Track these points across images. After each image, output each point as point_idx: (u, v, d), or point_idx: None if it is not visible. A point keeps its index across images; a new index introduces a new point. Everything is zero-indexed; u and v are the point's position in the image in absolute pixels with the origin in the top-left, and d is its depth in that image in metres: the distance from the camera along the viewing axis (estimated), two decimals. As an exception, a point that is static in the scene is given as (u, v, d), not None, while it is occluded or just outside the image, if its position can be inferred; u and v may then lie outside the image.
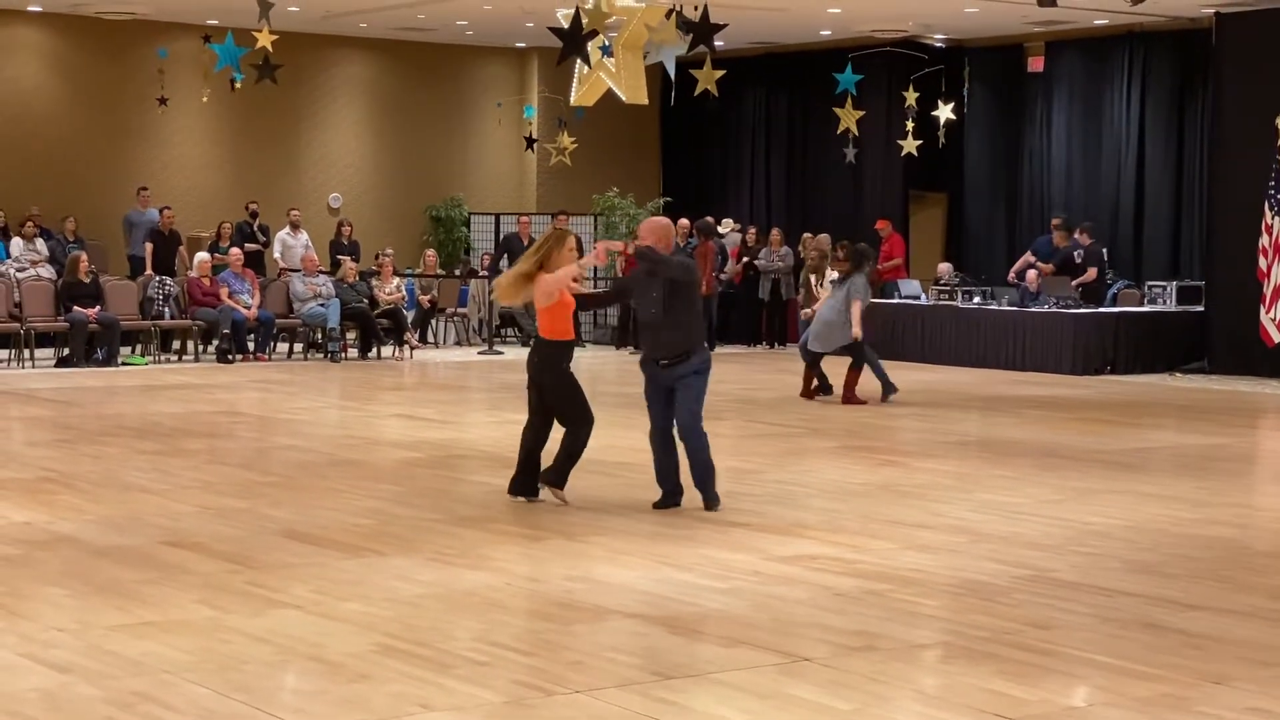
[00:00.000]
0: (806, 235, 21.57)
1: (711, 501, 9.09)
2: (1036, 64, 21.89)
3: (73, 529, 8.31)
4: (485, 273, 21.56)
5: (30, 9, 21.18)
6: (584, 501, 9.33)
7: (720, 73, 13.36)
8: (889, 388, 14.84)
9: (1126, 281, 20.04)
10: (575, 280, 9.20)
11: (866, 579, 7.32)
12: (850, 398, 14.75)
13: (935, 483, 10.25)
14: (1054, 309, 18.58)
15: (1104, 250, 19.76)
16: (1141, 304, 19.33)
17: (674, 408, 9.07)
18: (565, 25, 11.07)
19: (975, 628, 6.43)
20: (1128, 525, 8.82)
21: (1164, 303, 19.08)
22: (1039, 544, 8.23)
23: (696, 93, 13.22)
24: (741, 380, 16.38)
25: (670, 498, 9.19)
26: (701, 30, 11.61)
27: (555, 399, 9.17)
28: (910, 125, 19.50)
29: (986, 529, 8.63)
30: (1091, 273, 19.12)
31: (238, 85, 18.61)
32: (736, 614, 6.64)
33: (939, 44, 22.26)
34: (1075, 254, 19.30)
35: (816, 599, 6.92)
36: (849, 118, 18.73)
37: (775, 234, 22.00)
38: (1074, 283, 19.02)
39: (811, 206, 23.73)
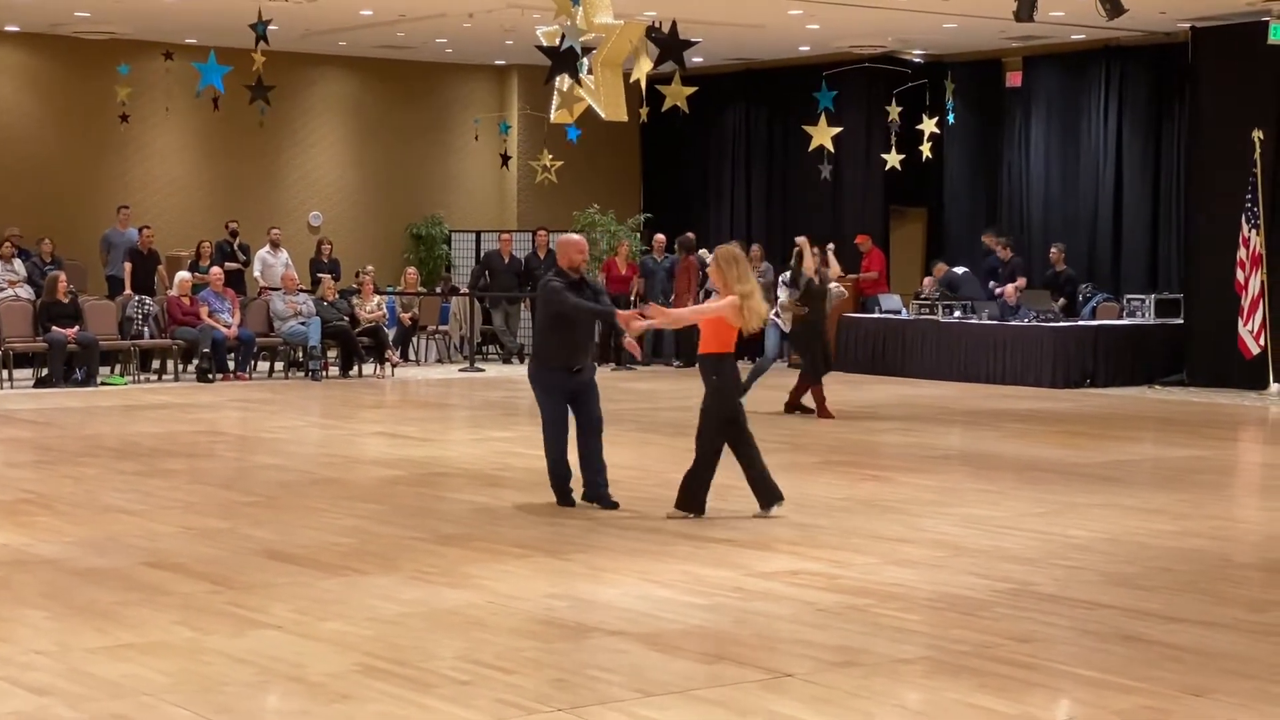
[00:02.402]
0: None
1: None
2: (1015, 79, 21.96)
3: (52, 550, 8.27)
4: (465, 290, 21.54)
5: (8, 29, 21.14)
6: (566, 518, 9.33)
7: (690, 89, 13.38)
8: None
9: (1105, 295, 20.11)
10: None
11: (848, 594, 7.32)
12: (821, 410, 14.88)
13: (917, 497, 10.26)
14: (1034, 322, 18.63)
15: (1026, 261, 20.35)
16: (1120, 317, 19.40)
17: (583, 410, 9.72)
18: (545, 43, 11.08)
19: (957, 642, 6.44)
20: (1108, 538, 8.83)
21: (1143, 315, 19.15)
22: (1020, 557, 8.24)
23: (665, 108, 13.23)
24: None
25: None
26: (670, 46, 11.60)
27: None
28: (893, 140, 19.59)
29: (968, 543, 8.65)
30: (1020, 283, 19.48)
31: (214, 104, 18.58)
32: (718, 630, 6.64)
33: (918, 59, 22.32)
34: (998, 269, 19.69)
35: (798, 614, 6.92)
36: (823, 134, 18.76)
37: (755, 250, 22.00)
38: (996, 291, 19.57)
39: (791, 222, 23.73)
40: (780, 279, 15.53)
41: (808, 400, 15.04)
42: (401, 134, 24.23)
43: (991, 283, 20.02)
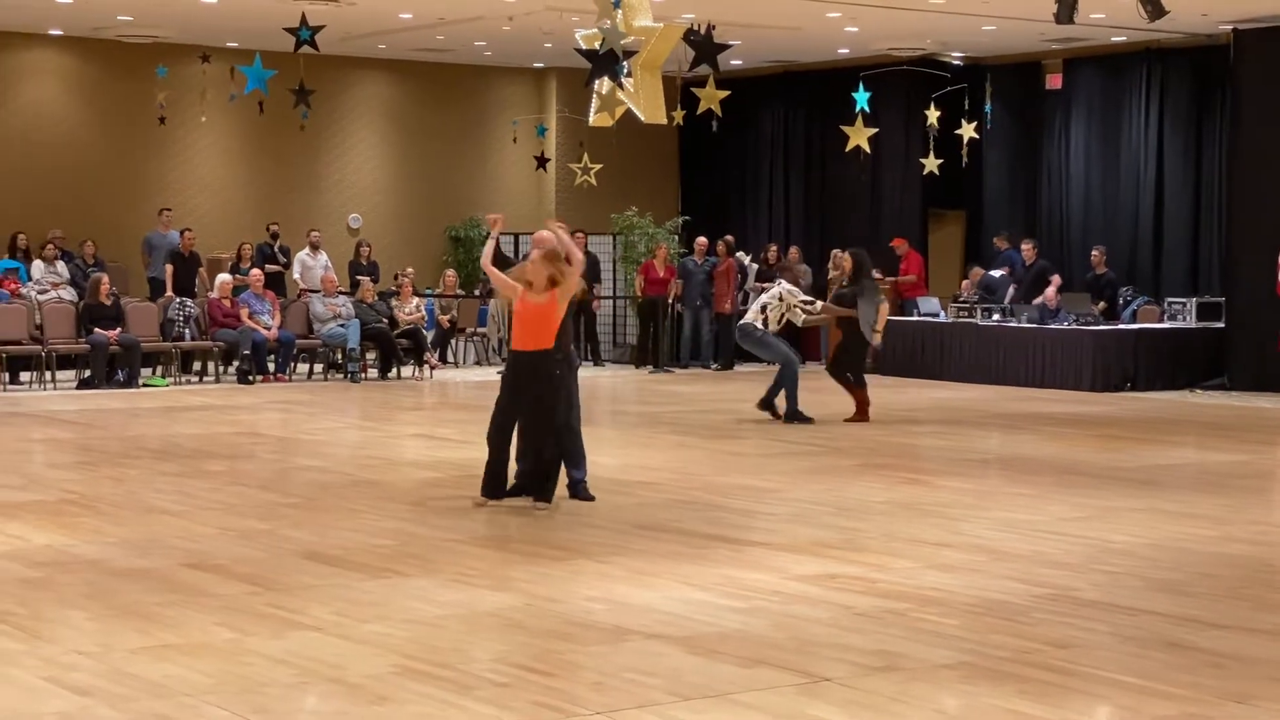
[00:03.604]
0: (836, 251, 21.55)
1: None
2: (1054, 81, 21.87)
3: (94, 551, 8.33)
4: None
5: (51, 32, 21.30)
6: (603, 521, 9.34)
7: (724, 93, 13.38)
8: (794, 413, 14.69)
9: (1146, 298, 20.01)
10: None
11: (887, 598, 7.30)
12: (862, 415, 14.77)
13: (956, 501, 10.23)
14: (1073, 326, 18.54)
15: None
16: (1161, 320, 19.29)
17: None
18: (584, 46, 11.10)
19: (996, 647, 6.42)
20: (1149, 543, 8.79)
21: (1184, 319, 19.03)
22: (1060, 562, 8.21)
23: (699, 111, 13.23)
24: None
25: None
26: (706, 49, 11.61)
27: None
28: (932, 143, 19.56)
29: (1007, 547, 8.61)
30: (1055, 280, 19.53)
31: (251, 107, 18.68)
32: (756, 634, 6.63)
33: (957, 62, 22.26)
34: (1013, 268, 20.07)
35: (837, 618, 6.91)
36: (859, 136, 18.76)
37: (794, 252, 22.01)
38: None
39: (830, 225, 23.73)
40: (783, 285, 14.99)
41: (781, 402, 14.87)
42: (440, 137, 24.29)
43: (1012, 286, 19.99)
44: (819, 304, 15.13)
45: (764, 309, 14.76)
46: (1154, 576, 7.89)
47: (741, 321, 15.08)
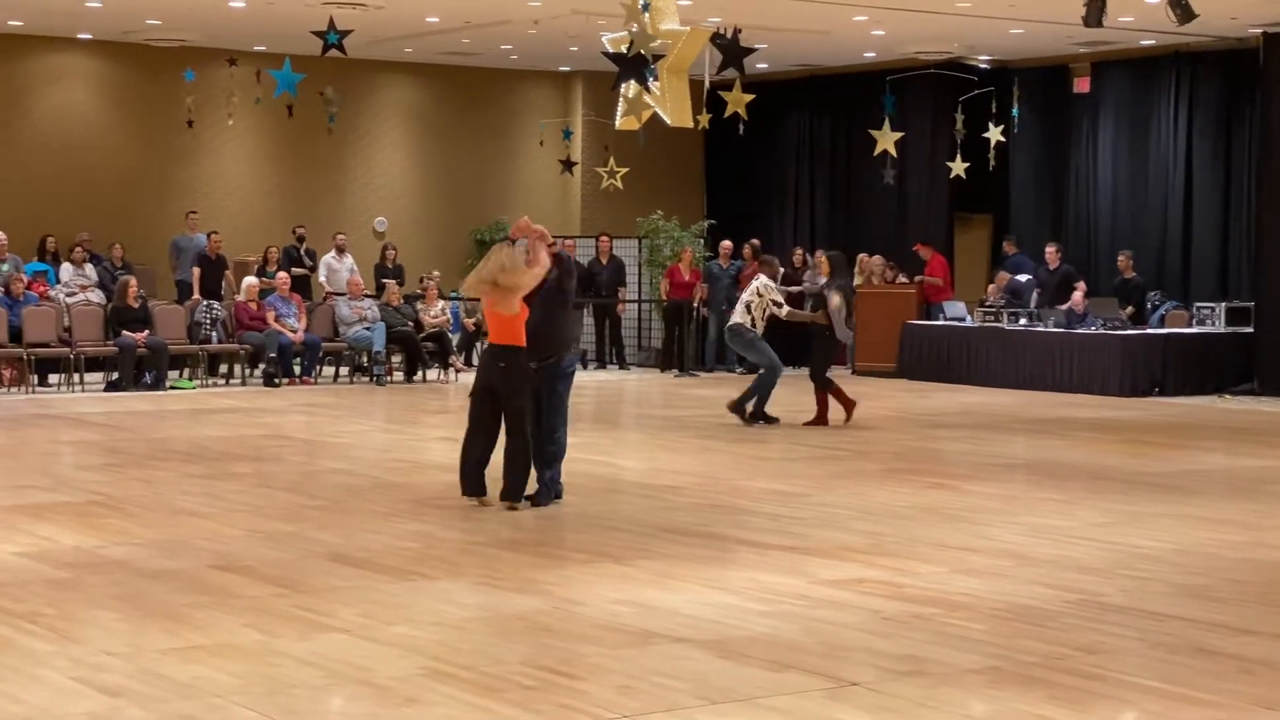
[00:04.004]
0: (862, 256, 21.57)
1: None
2: (1082, 85, 21.82)
3: (122, 553, 8.36)
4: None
5: (80, 36, 21.40)
6: (628, 525, 9.34)
7: (749, 96, 13.38)
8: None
9: (1174, 303, 19.93)
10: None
11: (914, 603, 7.29)
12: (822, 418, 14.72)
13: (983, 505, 10.20)
14: (1101, 330, 18.48)
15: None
16: (1190, 325, 19.21)
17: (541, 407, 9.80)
18: (611, 50, 11.11)
19: (1024, 652, 6.40)
20: (1177, 549, 8.75)
21: (1212, 324, 18.95)
22: (1088, 568, 8.18)
23: (726, 115, 13.23)
24: (787, 402, 16.32)
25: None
26: (732, 52, 11.62)
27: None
28: (959, 147, 19.53)
29: (1035, 552, 8.59)
30: (1080, 286, 19.67)
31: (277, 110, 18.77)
32: (784, 638, 6.62)
33: (984, 65, 22.21)
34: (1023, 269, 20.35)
35: (864, 623, 6.90)
36: (886, 140, 18.74)
37: (820, 256, 21.95)
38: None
39: (856, 229, 23.69)
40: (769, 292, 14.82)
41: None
42: (466, 140, 24.34)
43: (1036, 291, 19.94)
44: (785, 309, 14.93)
45: (748, 308, 14.70)
46: (1182, 582, 7.86)
47: (732, 322, 14.97)
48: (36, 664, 6.07)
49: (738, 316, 14.85)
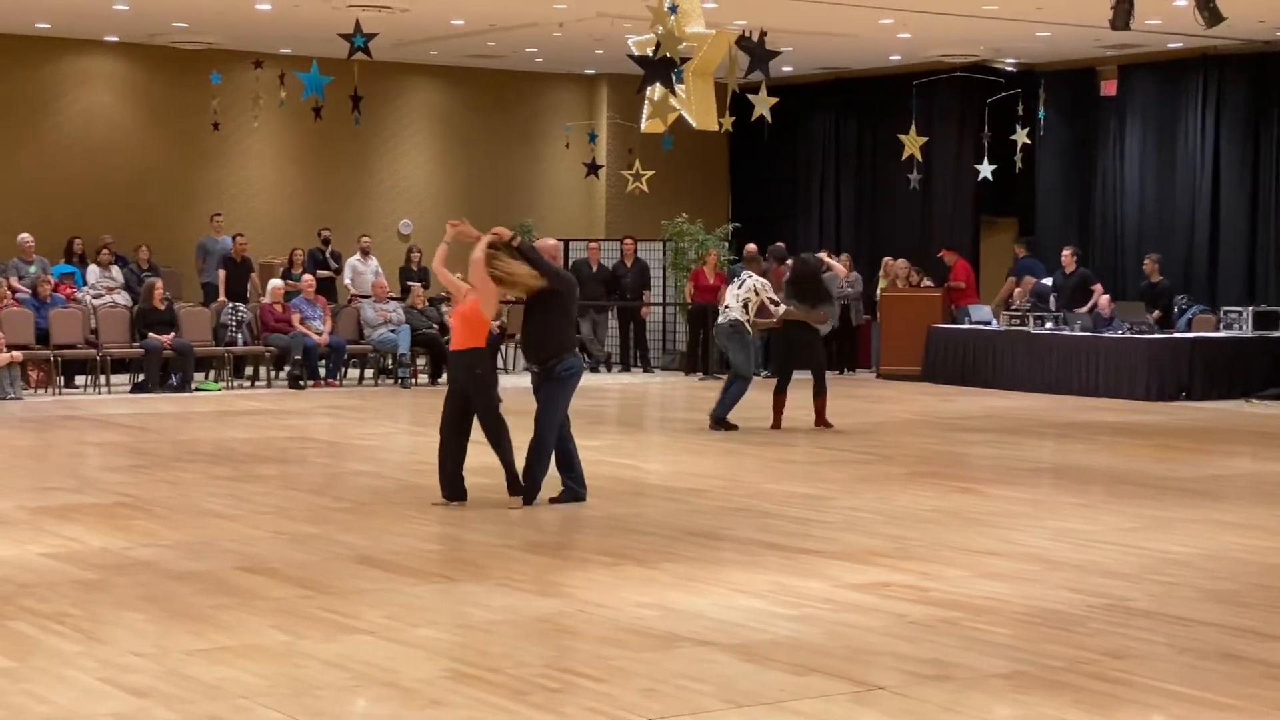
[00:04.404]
0: (887, 259, 21.54)
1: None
2: (1109, 88, 21.74)
3: (149, 554, 8.39)
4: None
5: (107, 39, 21.49)
6: (655, 527, 9.33)
7: (774, 100, 13.36)
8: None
9: (1201, 306, 19.85)
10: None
11: (939, 607, 7.27)
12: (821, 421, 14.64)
13: (1008, 509, 10.17)
14: (1127, 334, 18.41)
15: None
16: (1217, 329, 19.13)
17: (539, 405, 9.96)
18: (636, 53, 11.11)
19: (1050, 657, 6.37)
20: (1204, 553, 8.71)
21: (1240, 327, 18.86)
22: (1114, 572, 8.14)
23: (754, 118, 13.22)
24: (811, 406, 16.31)
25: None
26: (758, 55, 11.62)
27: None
28: (985, 150, 19.49)
29: (1061, 557, 8.56)
30: (1028, 282, 19.96)
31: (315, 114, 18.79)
32: (808, 641, 6.61)
33: (1010, 68, 22.16)
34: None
35: (889, 627, 6.88)
36: (912, 144, 18.72)
37: (844, 259, 21.93)
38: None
39: (881, 232, 23.66)
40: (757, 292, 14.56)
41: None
42: (491, 142, 24.37)
43: (1052, 295, 19.89)
44: (782, 308, 14.70)
45: (745, 305, 14.51)
46: (1209, 587, 7.82)
47: (733, 318, 14.47)
48: (64, 664, 6.10)
49: (737, 314, 14.55)
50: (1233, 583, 7.94)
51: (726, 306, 14.58)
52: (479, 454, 10.08)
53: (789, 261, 21.50)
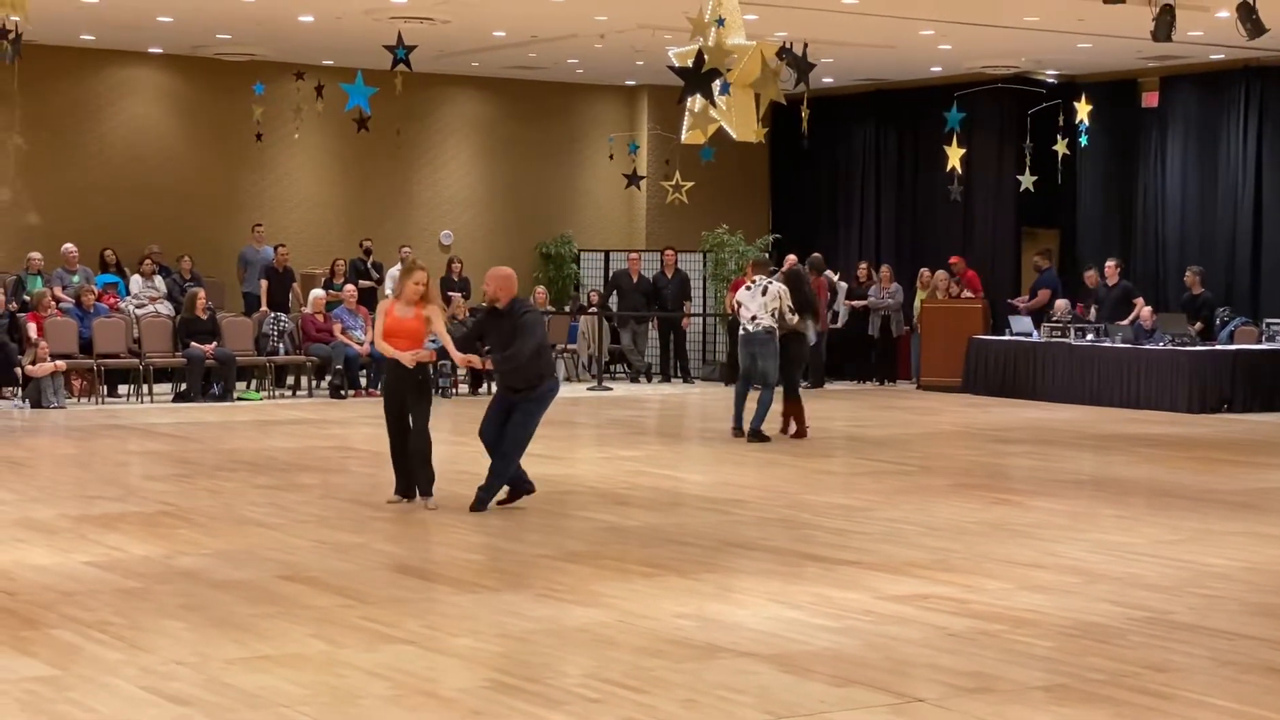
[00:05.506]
0: (924, 270, 21.50)
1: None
2: (1151, 99, 21.65)
3: (191, 562, 8.44)
4: (594, 309, 21.66)
5: (151, 50, 21.65)
6: (695, 538, 9.33)
7: (807, 112, 13.37)
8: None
9: (1243, 318, 19.73)
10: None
11: (980, 619, 7.25)
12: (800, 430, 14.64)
13: (1049, 522, 10.13)
14: (1169, 346, 18.31)
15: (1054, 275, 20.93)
16: (1259, 341, 19.01)
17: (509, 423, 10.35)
18: (677, 64, 11.13)
19: (1091, 670, 6.35)
20: (1247, 567, 8.65)
21: (1283, 340, 18.75)
22: (1156, 585, 8.10)
23: (804, 128, 13.21)
24: (852, 417, 16.32)
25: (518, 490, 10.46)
26: (799, 66, 11.65)
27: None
28: (1027, 161, 19.44)
29: (1102, 569, 8.52)
30: (1042, 296, 20.20)
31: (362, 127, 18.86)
32: (848, 653, 6.60)
33: (1051, 80, 22.09)
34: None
35: (929, 639, 6.86)
36: (956, 155, 18.70)
37: (885, 271, 21.91)
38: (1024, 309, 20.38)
39: (921, 243, 23.60)
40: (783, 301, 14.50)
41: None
42: (532, 153, 24.43)
43: (1094, 308, 19.80)
44: (795, 317, 14.64)
45: (773, 314, 14.46)
46: (1252, 600, 7.77)
47: (766, 324, 14.35)
48: (106, 673, 6.14)
49: (767, 321, 14.48)
50: (1275, 596, 7.89)
51: (755, 317, 14.51)
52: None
53: (827, 272, 21.60)
